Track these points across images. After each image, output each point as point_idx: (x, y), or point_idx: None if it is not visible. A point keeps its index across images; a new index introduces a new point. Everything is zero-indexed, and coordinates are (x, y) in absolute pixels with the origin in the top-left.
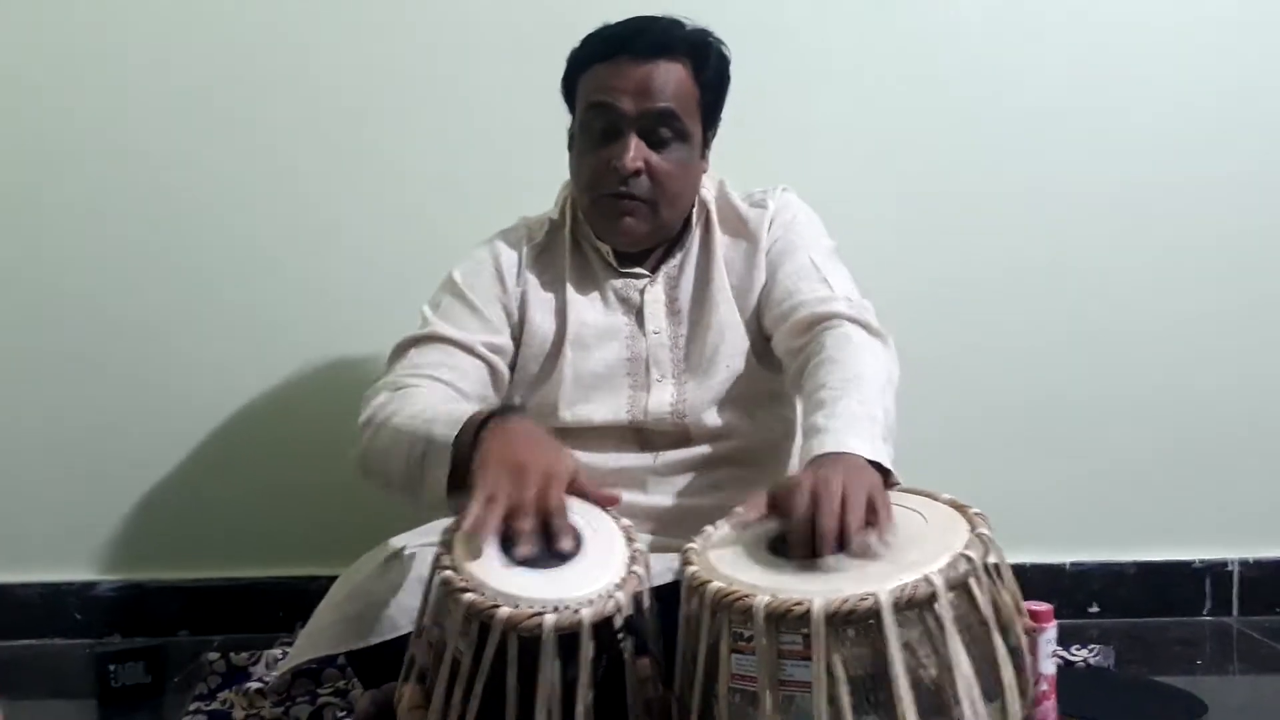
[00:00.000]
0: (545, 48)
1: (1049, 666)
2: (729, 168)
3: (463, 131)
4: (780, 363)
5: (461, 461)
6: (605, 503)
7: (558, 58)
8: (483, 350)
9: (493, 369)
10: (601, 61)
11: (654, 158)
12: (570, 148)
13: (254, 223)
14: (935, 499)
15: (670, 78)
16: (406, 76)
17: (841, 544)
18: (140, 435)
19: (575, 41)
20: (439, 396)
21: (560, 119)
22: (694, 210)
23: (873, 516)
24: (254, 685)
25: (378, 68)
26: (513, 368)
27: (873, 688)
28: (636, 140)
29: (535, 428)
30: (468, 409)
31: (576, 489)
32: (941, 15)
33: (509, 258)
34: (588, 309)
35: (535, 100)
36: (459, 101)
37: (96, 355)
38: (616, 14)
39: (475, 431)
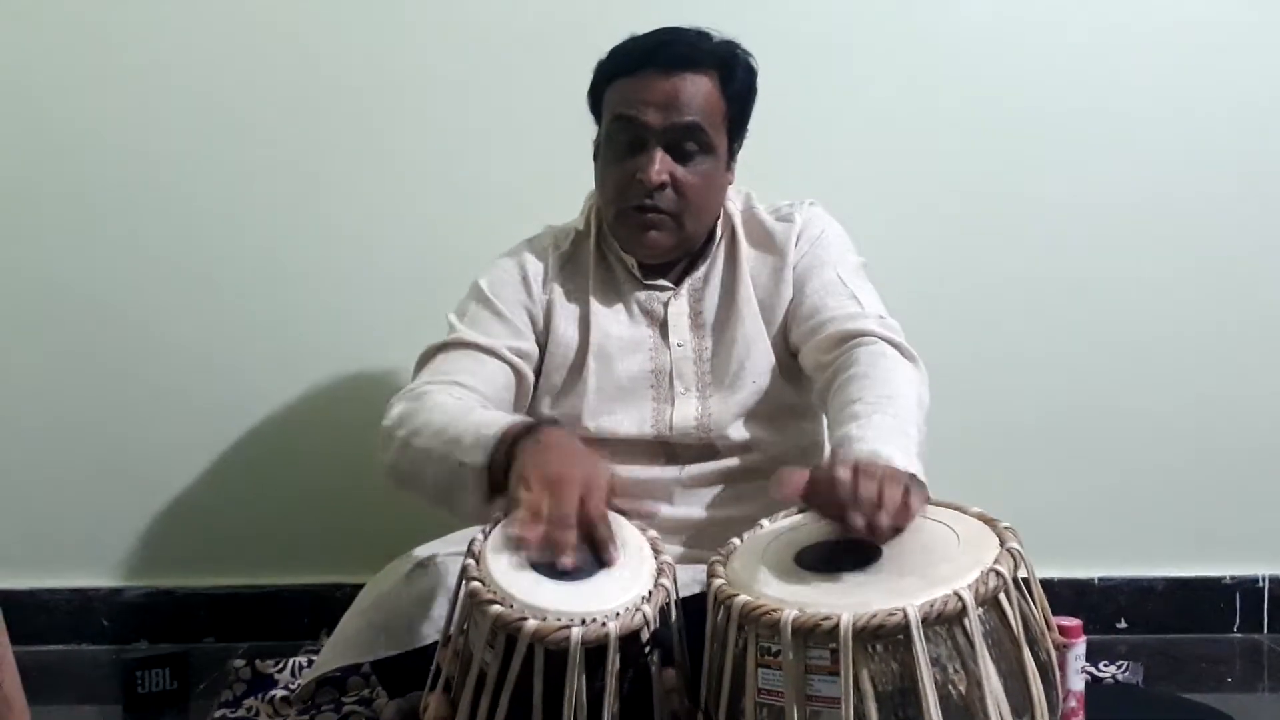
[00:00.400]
0: (561, 51)
1: (1077, 682)
2: (747, 179)
3: (485, 137)
4: (805, 377)
5: (496, 481)
6: (643, 515)
7: (574, 61)
8: (509, 356)
9: (519, 374)
10: (627, 75)
11: (679, 171)
12: (596, 158)
13: (279, 230)
14: (964, 512)
15: (697, 91)
16: (427, 82)
17: (872, 531)
18: (168, 442)
19: (592, 45)
20: (461, 406)
21: (581, 124)
22: (719, 223)
23: (906, 513)
24: (279, 693)
25: (396, 72)
26: (537, 375)
27: (901, 703)
28: (662, 154)
29: (569, 438)
30: (491, 423)
31: (614, 498)
32: (960, 27)
33: (535, 266)
34: (612, 321)
35: (556, 105)
36: (480, 107)
37: (124, 364)
38: (632, 17)
39: (509, 447)
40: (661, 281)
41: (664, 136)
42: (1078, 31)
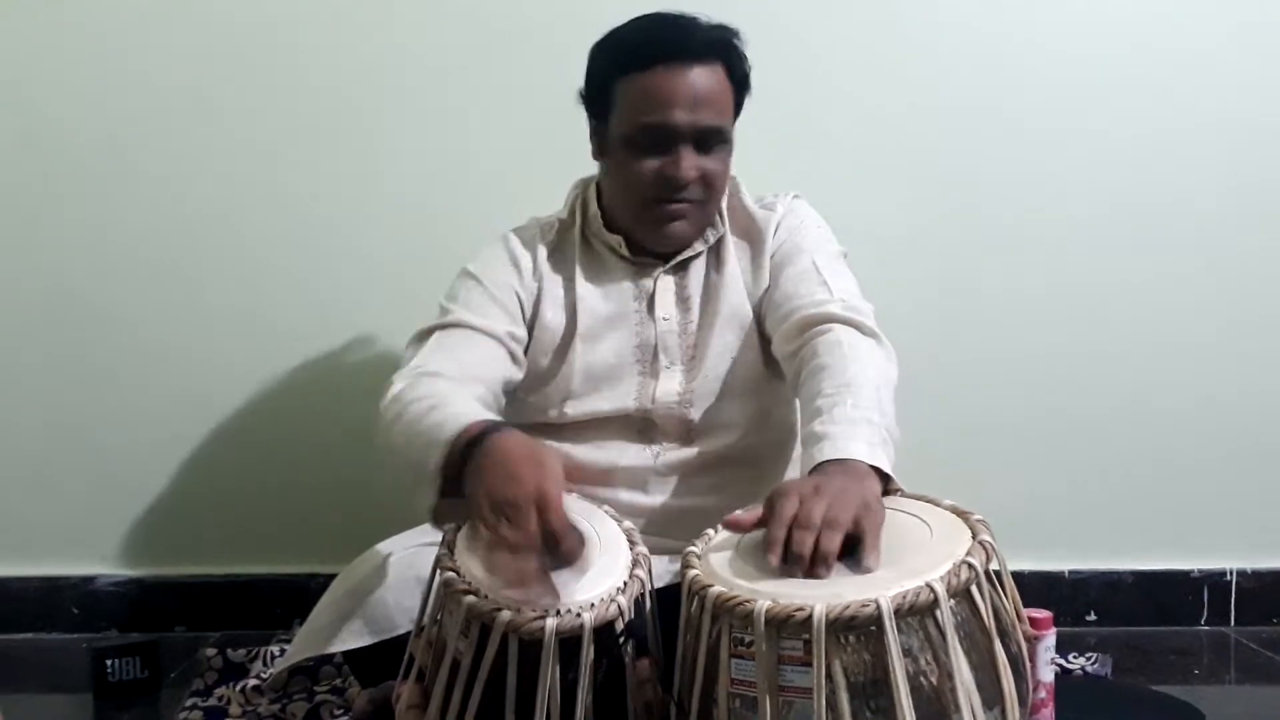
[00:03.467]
0: (549, 40)
1: (1047, 674)
2: (739, 173)
3: (463, 129)
4: (778, 364)
5: (449, 476)
6: (594, 481)
7: (561, 51)
8: (504, 337)
9: (513, 355)
10: (640, 70)
11: (705, 163)
12: (603, 153)
13: (254, 221)
14: (937, 505)
15: (714, 84)
16: (405, 75)
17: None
18: (139, 431)
19: (579, 35)
20: (441, 397)
21: (567, 114)
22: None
23: (854, 537)
24: (251, 682)
25: (375, 66)
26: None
27: (873, 694)
28: (690, 150)
29: (514, 441)
30: (454, 424)
31: (572, 484)
32: (950, 26)
33: (524, 253)
34: (599, 301)
35: (541, 94)
36: (458, 99)
37: (95, 352)
38: (621, 8)
39: (463, 452)
40: (648, 259)
41: (691, 135)
42: (1070, 31)
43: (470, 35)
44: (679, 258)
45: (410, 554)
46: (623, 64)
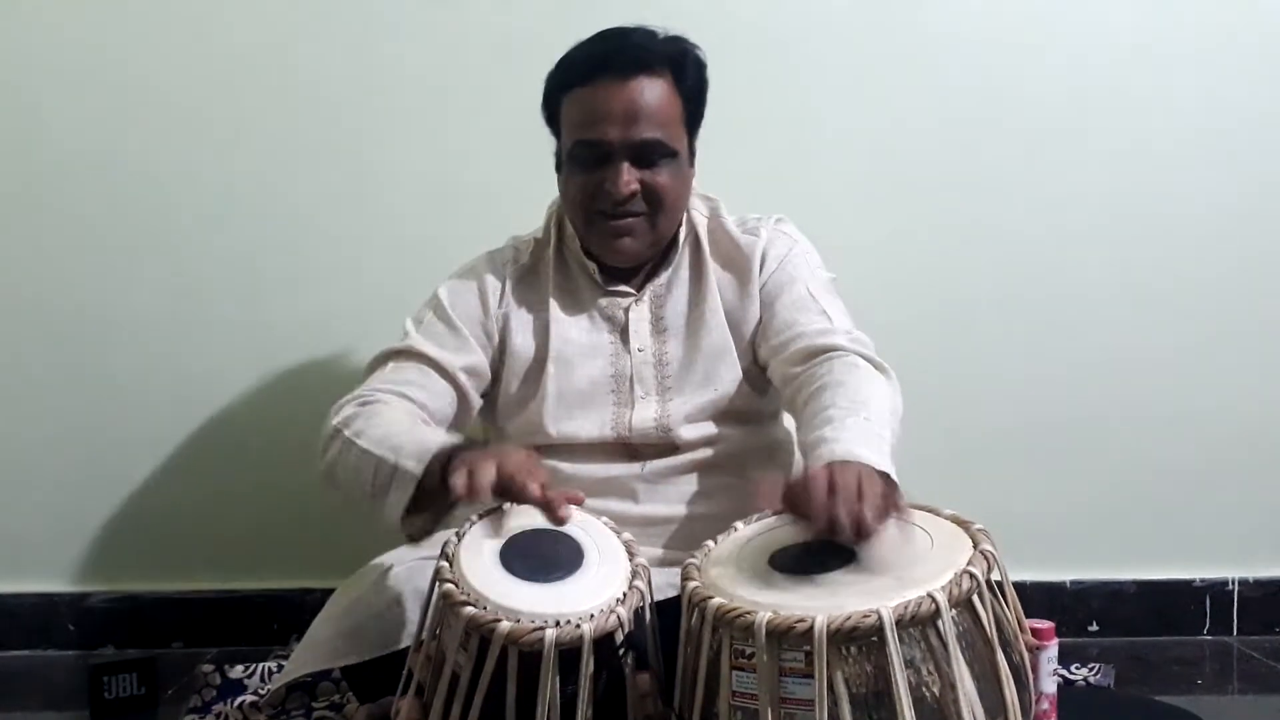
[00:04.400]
0: (539, 57)
1: (1050, 685)
2: (730, 188)
3: (451, 141)
4: (771, 388)
5: (427, 492)
6: (575, 499)
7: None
8: (458, 374)
9: (463, 394)
10: (582, 85)
11: (646, 175)
12: (558, 169)
13: (250, 234)
14: (938, 515)
15: (654, 96)
16: (398, 85)
17: (858, 534)
18: (134, 446)
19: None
20: (405, 416)
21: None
22: (681, 229)
23: (887, 507)
24: (249, 698)
25: (370, 77)
26: (491, 392)
27: (875, 705)
28: (627, 165)
29: (499, 449)
30: (434, 438)
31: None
32: (945, 33)
33: (493, 283)
34: (572, 327)
35: (528, 109)
36: (448, 110)
37: (91, 365)
38: (606, 24)
39: (444, 463)
40: (623, 287)
41: (627, 150)
42: (1066, 37)
43: (466, 52)
44: (650, 286)
45: (408, 568)
46: (568, 80)
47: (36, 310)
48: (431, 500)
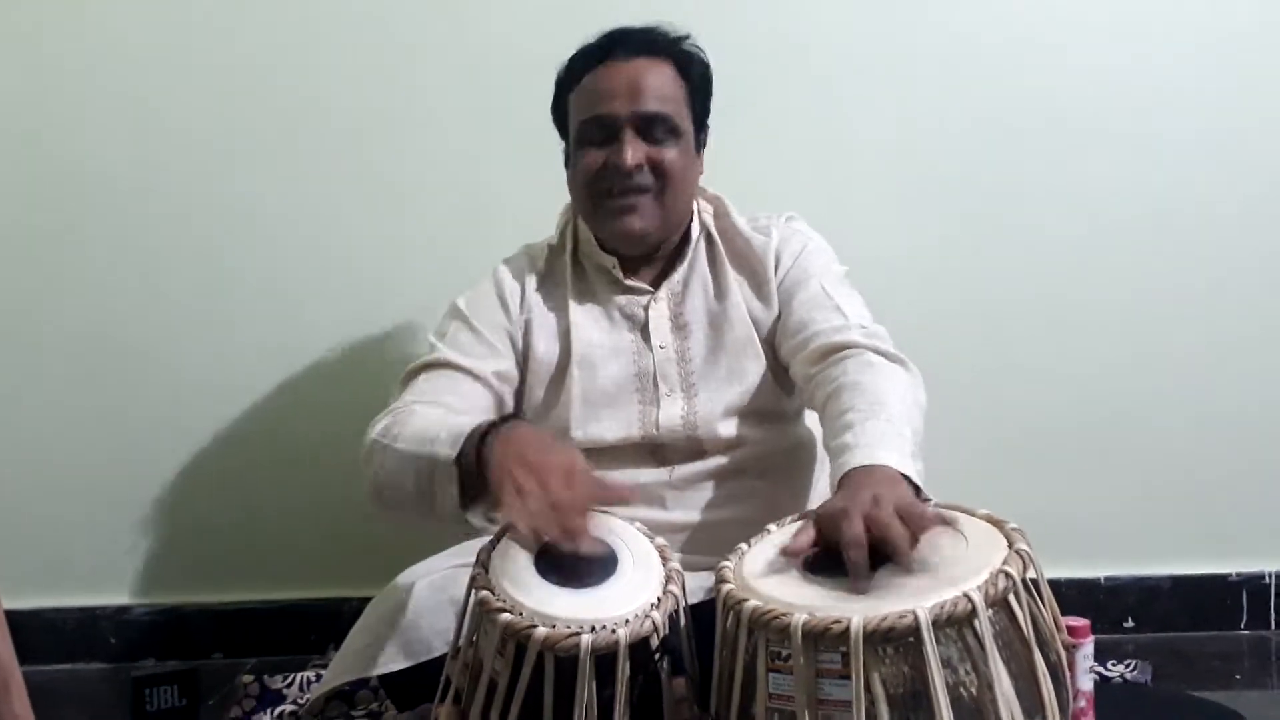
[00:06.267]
0: (551, 60)
1: (1086, 682)
2: (758, 192)
3: (465, 149)
4: (792, 385)
5: (469, 475)
6: (623, 498)
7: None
8: (490, 378)
9: (499, 397)
10: (587, 72)
11: (653, 150)
12: (568, 165)
13: (283, 250)
14: (973, 514)
15: (659, 78)
16: (409, 93)
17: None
18: (172, 462)
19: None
20: (440, 415)
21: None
22: (693, 225)
23: (917, 531)
24: (288, 708)
25: (381, 85)
26: (520, 395)
27: (913, 706)
28: (633, 137)
29: (536, 431)
30: (468, 423)
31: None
32: (966, 34)
33: (512, 287)
34: (592, 328)
35: (540, 120)
36: (465, 121)
37: (130, 381)
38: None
39: (478, 443)
40: (641, 284)
41: (633, 122)
42: (1092, 35)
43: (477, 64)
44: (666, 284)
45: (443, 576)
46: (573, 75)
47: (73, 332)
48: (484, 484)
